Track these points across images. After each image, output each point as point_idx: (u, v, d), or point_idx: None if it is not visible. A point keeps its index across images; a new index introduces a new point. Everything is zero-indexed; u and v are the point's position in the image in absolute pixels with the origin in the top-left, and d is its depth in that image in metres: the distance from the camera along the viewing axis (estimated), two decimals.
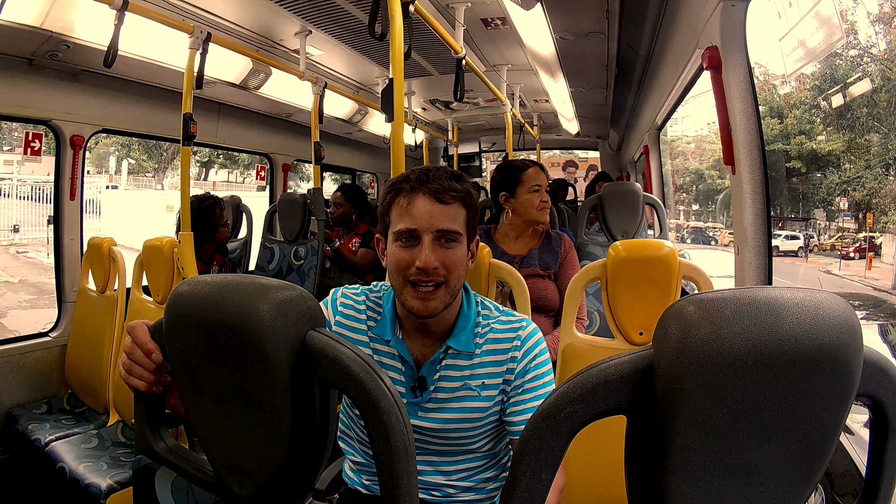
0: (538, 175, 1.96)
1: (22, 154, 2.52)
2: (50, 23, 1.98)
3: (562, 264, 1.96)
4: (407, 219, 1.00)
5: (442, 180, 1.01)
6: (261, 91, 2.97)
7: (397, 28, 1.51)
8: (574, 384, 0.50)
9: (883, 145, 10.87)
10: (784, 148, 12.65)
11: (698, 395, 0.45)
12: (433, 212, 1.00)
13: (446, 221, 1.00)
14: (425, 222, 0.99)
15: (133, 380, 0.68)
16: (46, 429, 2.10)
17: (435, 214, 1.00)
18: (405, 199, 1.01)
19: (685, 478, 0.47)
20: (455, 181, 1.03)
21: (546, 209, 1.95)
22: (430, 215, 0.99)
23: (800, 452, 0.47)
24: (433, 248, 0.99)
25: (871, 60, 9.52)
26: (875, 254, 10.42)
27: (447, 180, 1.02)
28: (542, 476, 0.50)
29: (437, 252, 0.99)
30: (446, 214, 1.00)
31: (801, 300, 0.45)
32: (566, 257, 1.96)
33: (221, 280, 0.60)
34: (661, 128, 3.80)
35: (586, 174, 9.60)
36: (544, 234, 2.01)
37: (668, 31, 2.45)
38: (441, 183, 1.01)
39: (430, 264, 0.98)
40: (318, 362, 0.57)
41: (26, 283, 10.30)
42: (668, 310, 0.48)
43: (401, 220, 1.01)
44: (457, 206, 1.02)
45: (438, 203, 1.00)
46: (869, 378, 0.49)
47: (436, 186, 1.00)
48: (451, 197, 1.01)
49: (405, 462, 0.54)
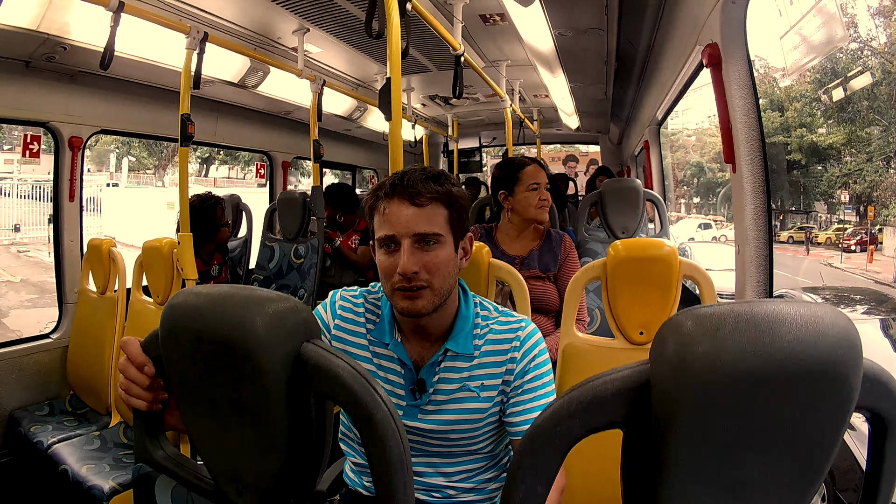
0: (537, 173, 1.94)
1: (21, 155, 2.52)
2: (46, 25, 1.97)
3: (561, 266, 1.94)
4: (386, 225, 1.00)
5: (417, 183, 1.00)
6: (259, 89, 2.96)
7: (394, 26, 1.50)
8: (570, 399, 0.50)
9: (883, 138, 10.84)
10: (784, 141, 12.62)
11: (695, 411, 0.44)
12: (409, 216, 0.98)
13: (423, 224, 0.99)
14: (402, 227, 0.98)
15: (132, 400, 0.70)
16: (49, 431, 2.11)
17: (411, 218, 0.98)
18: (384, 205, 1.01)
19: (680, 493, 0.47)
20: (433, 182, 1.01)
21: (545, 207, 1.93)
22: (406, 220, 0.98)
23: (797, 467, 0.47)
24: (412, 252, 0.98)
25: (871, 54, 9.47)
26: (876, 247, 10.41)
27: (423, 183, 1.00)
28: (538, 489, 0.50)
29: (416, 255, 0.98)
30: (422, 217, 0.99)
31: (800, 315, 0.45)
32: (566, 258, 1.95)
33: (216, 292, 0.60)
34: (662, 123, 3.79)
35: (587, 168, 9.59)
36: (545, 234, 2.00)
37: (667, 28, 2.43)
38: (416, 186, 0.99)
39: (409, 269, 0.97)
40: (313, 374, 0.57)
41: (28, 282, 10.33)
42: (666, 324, 0.48)
43: (381, 228, 1.00)
44: (434, 206, 1.00)
45: (414, 206, 0.99)
46: (868, 391, 0.48)
47: (411, 190, 0.99)
48: (427, 199, 1.00)
49: (401, 474, 0.54)
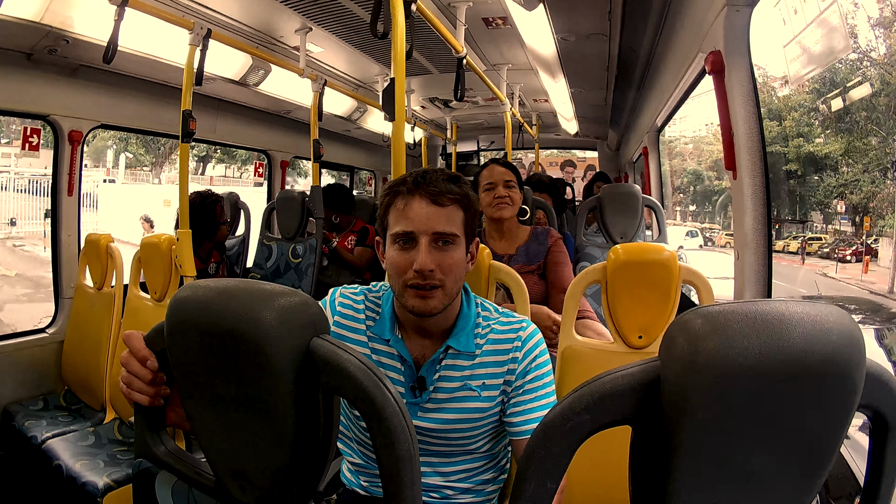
0: (491, 173, 1.97)
1: (20, 148, 2.50)
2: (49, 17, 1.97)
3: (548, 255, 1.97)
4: (404, 221, 1.00)
5: (439, 183, 1.01)
6: (260, 88, 2.96)
7: (399, 27, 1.50)
8: (581, 395, 0.50)
9: (881, 149, 10.90)
10: (782, 150, 12.68)
11: (705, 406, 0.46)
12: (430, 214, 1.00)
13: (443, 224, 1.00)
14: (422, 224, 0.99)
15: (134, 394, 0.69)
16: (43, 426, 2.09)
17: (432, 217, 1.00)
18: (402, 201, 1.02)
19: (689, 487, 0.48)
20: (452, 183, 1.03)
21: (500, 206, 1.94)
22: (426, 217, 1.00)
23: (802, 462, 0.48)
24: (430, 251, 0.99)
25: (870, 64, 9.54)
26: (872, 257, 10.46)
27: (444, 182, 1.02)
28: (548, 484, 0.51)
29: (433, 254, 1.00)
30: (443, 216, 1.01)
31: (807, 314, 0.46)
32: (552, 248, 1.97)
33: (224, 285, 0.60)
34: (661, 129, 3.81)
35: (584, 174, 9.60)
36: (532, 232, 2.03)
37: (670, 34, 2.45)
38: (438, 185, 1.01)
39: (426, 266, 0.98)
40: (322, 370, 0.57)
41: (23, 276, 10.26)
42: (675, 322, 0.49)
43: (398, 223, 1.01)
44: (454, 208, 1.02)
45: (435, 205, 1.00)
46: (871, 390, 0.49)
47: (432, 189, 1.00)
48: (448, 199, 1.01)
49: (410, 470, 0.54)
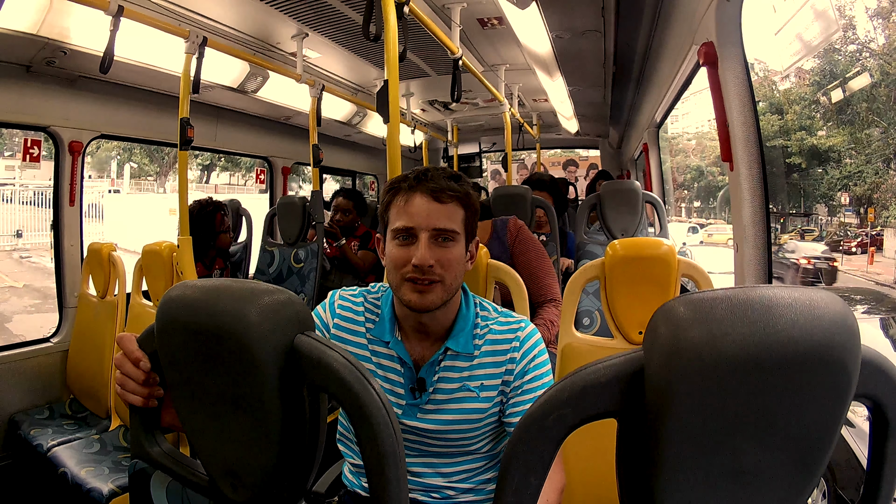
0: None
1: (21, 160, 2.52)
2: (46, 29, 1.98)
3: (513, 248, 1.95)
4: (404, 217, 1.01)
5: (440, 180, 1.02)
6: (258, 94, 2.97)
7: (391, 29, 1.50)
8: (562, 387, 0.49)
9: (883, 140, 10.83)
10: (784, 144, 12.61)
11: (689, 398, 0.44)
12: (430, 210, 1.01)
13: (443, 220, 1.01)
14: (422, 220, 1.00)
15: (128, 395, 0.70)
16: (48, 434, 2.10)
17: (432, 213, 1.01)
18: (403, 197, 1.03)
19: (676, 482, 0.46)
20: (454, 181, 1.04)
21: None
22: (427, 213, 1.00)
23: (795, 456, 0.46)
24: (429, 246, 1.00)
25: (869, 55, 9.49)
26: (877, 248, 10.38)
27: (445, 180, 1.03)
28: (531, 479, 0.50)
29: (433, 250, 1.00)
30: (443, 213, 1.01)
31: (795, 299, 0.44)
32: (515, 240, 1.95)
33: (211, 284, 0.60)
34: (661, 125, 3.79)
35: (587, 173, 9.58)
36: (492, 227, 2.01)
37: (664, 28, 2.44)
38: (439, 182, 1.02)
39: (425, 261, 0.99)
40: (306, 366, 0.56)
41: (30, 287, 10.34)
42: (659, 310, 0.47)
43: (398, 219, 1.02)
44: (454, 205, 1.03)
45: (436, 202, 1.01)
46: (867, 378, 0.47)
47: (433, 185, 1.01)
48: (449, 196, 1.02)
49: (394, 467, 0.53)
